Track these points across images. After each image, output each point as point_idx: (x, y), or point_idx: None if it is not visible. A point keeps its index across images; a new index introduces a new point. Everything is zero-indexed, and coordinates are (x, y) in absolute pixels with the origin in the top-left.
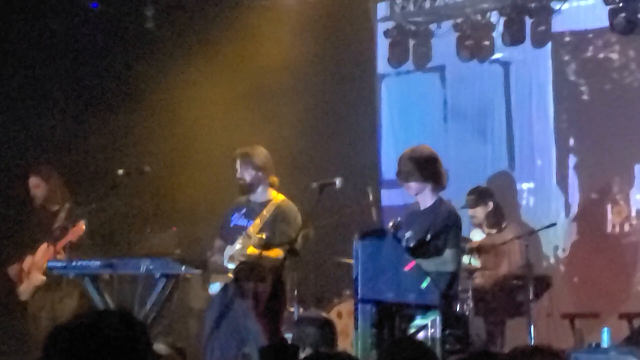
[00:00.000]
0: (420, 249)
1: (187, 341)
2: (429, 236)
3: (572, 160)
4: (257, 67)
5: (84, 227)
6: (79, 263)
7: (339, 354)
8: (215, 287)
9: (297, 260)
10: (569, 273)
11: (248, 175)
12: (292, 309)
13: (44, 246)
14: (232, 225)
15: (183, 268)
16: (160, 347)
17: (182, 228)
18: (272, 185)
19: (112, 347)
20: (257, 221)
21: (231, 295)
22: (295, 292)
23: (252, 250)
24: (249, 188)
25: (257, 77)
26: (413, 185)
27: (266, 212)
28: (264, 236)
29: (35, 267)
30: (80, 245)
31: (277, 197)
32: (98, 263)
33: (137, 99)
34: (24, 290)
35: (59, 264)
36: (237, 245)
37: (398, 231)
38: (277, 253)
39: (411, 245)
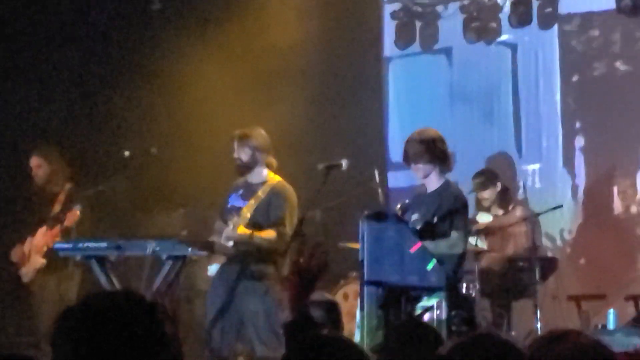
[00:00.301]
0: (427, 232)
1: (194, 322)
2: (435, 219)
3: (578, 142)
4: (263, 48)
5: (78, 213)
6: (86, 244)
7: (338, 337)
8: (213, 269)
9: (303, 242)
10: (575, 255)
11: (245, 155)
12: None
13: (42, 229)
14: (229, 206)
15: (190, 250)
16: None
17: (188, 209)
18: (269, 167)
19: (123, 329)
20: (252, 201)
21: (231, 276)
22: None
23: (242, 230)
24: (245, 168)
25: (263, 58)
26: (420, 167)
27: (261, 193)
28: (248, 215)
29: (35, 249)
30: (77, 231)
31: (273, 178)
32: (105, 245)
33: (143, 80)
34: (26, 273)
35: (66, 246)
36: (230, 226)
37: (405, 213)
38: (268, 233)
39: (418, 227)
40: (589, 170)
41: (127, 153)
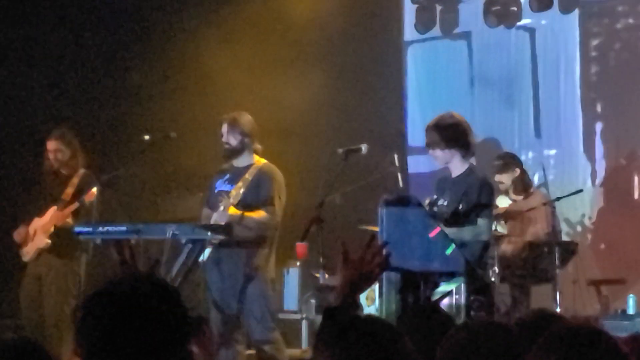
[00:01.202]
0: (454, 219)
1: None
2: (461, 206)
3: (598, 127)
4: (281, 31)
5: (95, 192)
6: (106, 228)
7: (370, 317)
8: (205, 253)
9: (322, 226)
10: (595, 240)
11: (234, 139)
12: (317, 275)
13: (52, 209)
14: (216, 191)
15: (209, 234)
16: None
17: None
18: (255, 152)
19: (149, 313)
20: (240, 184)
21: (223, 260)
22: (321, 259)
23: (233, 211)
24: (234, 153)
25: (282, 42)
26: (439, 154)
27: (248, 175)
28: (237, 197)
29: (42, 229)
30: (87, 212)
31: (259, 160)
32: (124, 228)
33: (162, 62)
34: (28, 251)
35: (86, 229)
36: (220, 208)
37: (433, 207)
38: (259, 214)
39: (445, 215)
40: (609, 155)
41: (146, 137)
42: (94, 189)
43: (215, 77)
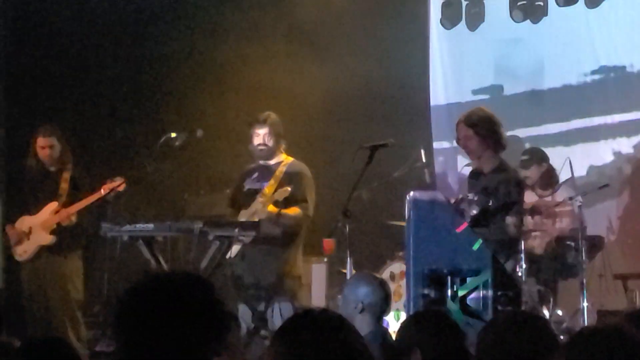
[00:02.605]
0: (482, 218)
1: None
2: (491, 202)
3: None
4: (309, 30)
5: (118, 185)
6: (134, 225)
7: (325, 311)
8: (234, 250)
9: (350, 222)
10: (622, 234)
11: (271, 140)
12: (344, 271)
13: (51, 206)
14: (245, 189)
15: (236, 230)
16: None
17: None
18: (284, 150)
19: (187, 307)
20: (272, 181)
21: (253, 258)
22: (348, 253)
23: (272, 209)
24: (271, 154)
25: (309, 40)
26: (473, 147)
27: (279, 173)
28: (289, 189)
29: (43, 226)
30: (114, 206)
31: (287, 158)
32: (152, 225)
33: (188, 62)
34: (26, 250)
35: (113, 227)
36: (258, 206)
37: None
38: (294, 211)
39: (474, 212)
40: (636, 150)
41: (173, 135)
42: (121, 184)
43: (242, 76)
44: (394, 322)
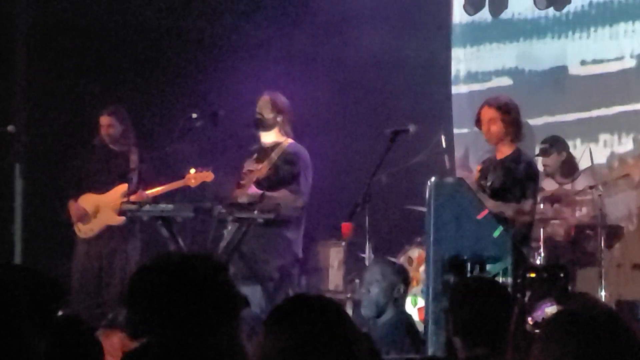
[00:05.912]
0: (497, 197)
1: None
2: (506, 186)
3: None
4: (327, 18)
5: (211, 175)
6: (154, 206)
7: (320, 297)
8: (225, 233)
9: (368, 206)
10: None
11: (267, 113)
12: (363, 255)
13: (121, 188)
14: (244, 171)
15: (255, 212)
16: None
17: None
18: (286, 134)
19: (199, 287)
20: (265, 163)
21: (242, 236)
22: (367, 238)
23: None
24: (264, 126)
25: (324, 26)
26: (495, 130)
27: (274, 155)
28: (261, 175)
29: (110, 206)
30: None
31: (286, 140)
32: (171, 206)
33: (208, 45)
34: (92, 228)
35: (132, 207)
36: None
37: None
38: (281, 193)
39: (488, 193)
40: None
41: (194, 115)
42: (209, 175)
43: (261, 57)
44: (411, 308)
